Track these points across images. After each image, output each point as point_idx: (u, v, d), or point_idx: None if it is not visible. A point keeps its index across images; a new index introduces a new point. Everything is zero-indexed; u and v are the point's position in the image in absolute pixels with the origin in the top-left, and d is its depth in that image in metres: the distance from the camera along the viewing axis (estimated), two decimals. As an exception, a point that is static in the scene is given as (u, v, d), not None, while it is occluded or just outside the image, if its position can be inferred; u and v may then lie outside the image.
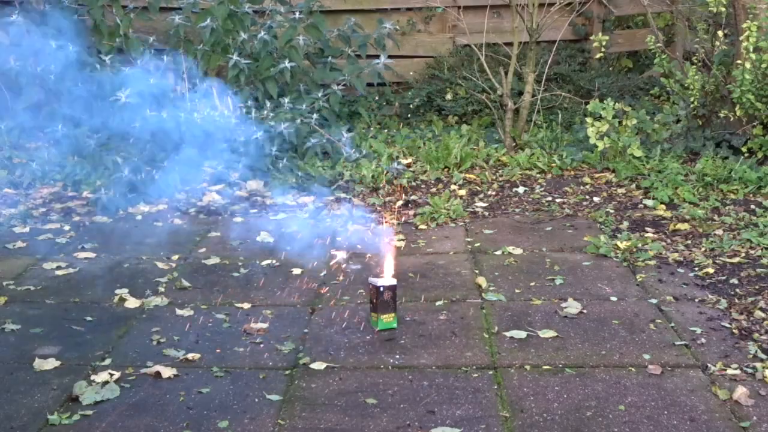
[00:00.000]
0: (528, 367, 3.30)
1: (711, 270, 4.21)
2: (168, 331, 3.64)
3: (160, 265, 4.43)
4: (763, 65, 5.57)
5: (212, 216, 5.27)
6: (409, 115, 7.30)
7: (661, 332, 3.57)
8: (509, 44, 6.66)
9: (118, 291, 4.04)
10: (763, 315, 3.69)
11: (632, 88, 7.40)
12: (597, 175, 5.91)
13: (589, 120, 6.00)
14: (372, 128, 6.97)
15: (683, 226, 4.82)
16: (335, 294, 4.02)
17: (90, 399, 3.06)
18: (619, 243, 4.52)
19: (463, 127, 6.82)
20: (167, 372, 3.25)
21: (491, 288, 4.06)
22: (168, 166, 5.61)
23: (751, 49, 5.57)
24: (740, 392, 3.05)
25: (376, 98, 7.34)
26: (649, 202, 5.26)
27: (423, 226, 4.98)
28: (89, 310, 3.87)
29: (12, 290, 4.10)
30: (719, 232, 4.73)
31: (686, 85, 6.06)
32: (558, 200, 5.42)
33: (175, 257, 4.54)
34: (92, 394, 3.09)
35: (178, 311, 3.84)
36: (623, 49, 7.97)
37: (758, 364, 3.27)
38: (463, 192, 5.60)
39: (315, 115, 6.23)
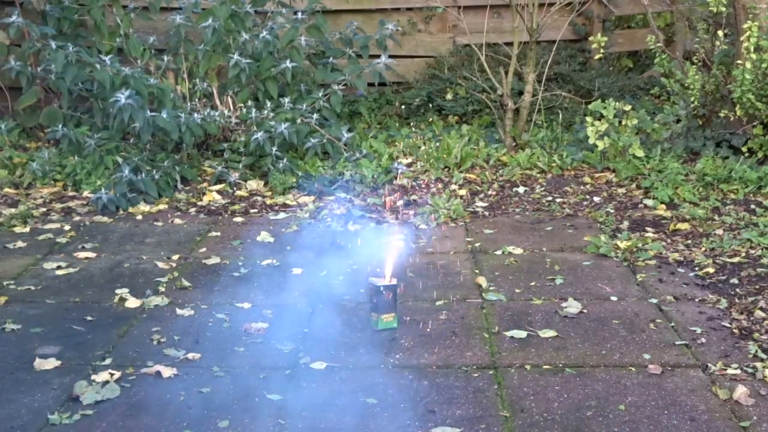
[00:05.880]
0: (528, 367, 3.30)
1: (711, 270, 4.21)
2: (168, 330, 3.64)
3: (161, 264, 4.43)
4: (764, 65, 5.56)
5: (212, 216, 5.27)
6: (409, 115, 7.30)
7: (661, 332, 3.57)
8: (509, 44, 6.65)
9: (118, 291, 4.04)
10: (763, 315, 3.69)
11: (632, 88, 7.39)
12: (597, 175, 5.90)
13: (588, 120, 6.00)
14: (372, 128, 6.97)
15: (683, 226, 4.82)
16: (336, 293, 4.02)
17: (90, 399, 3.06)
18: (619, 243, 4.52)
19: (464, 127, 6.82)
20: (167, 372, 3.25)
21: (491, 288, 4.06)
22: (168, 165, 5.61)
23: (752, 49, 5.57)
24: (740, 392, 3.05)
25: (377, 98, 7.34)
26: (650, 202, 5.26)
27: (423, 226, 4.98)
28: (89, 310, 3.87)
29: (12, 290, 4.11)
30: (719, 231, 4.73)
31: (686, 84, 6.05)
32: (558, 200, 5.42)
33: (176, 257, 4.54)
34: (92, 393, 3.09)
35: (179, 311, 3.84)
36: (623, 49, 7.96)
37: (758, 364, 3.27)
38: (463, 192, 5.60)
39: (315, 115, 6.23)
